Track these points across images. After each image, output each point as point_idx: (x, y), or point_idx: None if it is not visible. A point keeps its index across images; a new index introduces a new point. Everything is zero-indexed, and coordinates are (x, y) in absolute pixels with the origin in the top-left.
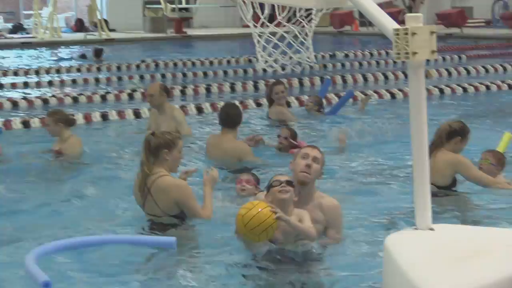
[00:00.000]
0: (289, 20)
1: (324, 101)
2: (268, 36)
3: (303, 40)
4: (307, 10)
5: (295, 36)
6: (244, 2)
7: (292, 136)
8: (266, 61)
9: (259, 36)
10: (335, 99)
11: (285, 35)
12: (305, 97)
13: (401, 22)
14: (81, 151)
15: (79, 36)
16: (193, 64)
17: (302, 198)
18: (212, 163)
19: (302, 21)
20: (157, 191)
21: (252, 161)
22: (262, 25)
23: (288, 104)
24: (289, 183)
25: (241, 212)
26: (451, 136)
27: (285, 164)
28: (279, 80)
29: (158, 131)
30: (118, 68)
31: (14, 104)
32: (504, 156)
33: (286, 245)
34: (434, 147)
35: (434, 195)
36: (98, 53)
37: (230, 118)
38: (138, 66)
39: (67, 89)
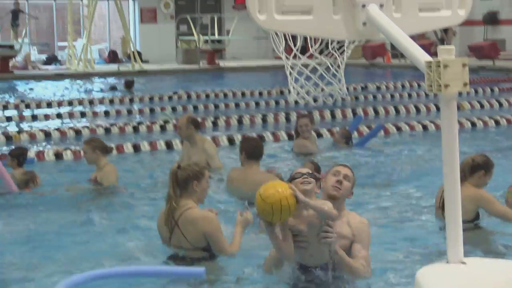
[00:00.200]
0: (321, 52)
1: (355, 133)
2: (300, 68)
3: (335, 72)
4: (339, 42)
5: (327, 68)
6: (276, 34)
7: (316, 170)
8: (298, 93)
9: (291, 68)
10: (366, 131)
11: (317, 67)
12: (336, 129)
13: (433, 54)
14: (116, 179)
15: (113, 67)
16: (225, 95)
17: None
18: (237, 198)
19: (334, 53)
20: (185, 223)
21: None
22: (295, 57)
23: (319, 135)
24: (311, 174)
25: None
26: (474, 170)
27: None
28: (305, 113)
29: (183, 163)
30: (151, 99)
31: (47, 135)
32: None
33: (311, 257)
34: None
35: None
36: (129, 85)
37: (257, 150)
38: (170, 98)
39: (100, 120)
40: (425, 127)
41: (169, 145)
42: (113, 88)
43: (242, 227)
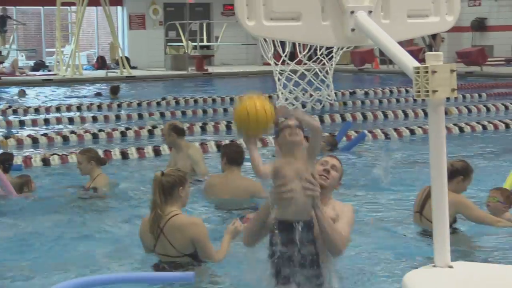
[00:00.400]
0: (310, 58)
1: (344, 139)
2: (289, 74)
3: (323, 78)
4: (328, 48)
5: (316, 74)
6: (265, 41)
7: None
8: (287, 99)
9: (280, 74)
10: (354, 134)
11: (306, 73)
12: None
13: (422, 60)
14: (108, 189)
15: (101, 73)
16: (214, 101)
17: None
18: (217, 204)
19: (323, 59)
20: (172, 230)
21: (264, 197)
22: (283, 63)
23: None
24: (299, 125)
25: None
26: (453, 175)
27: None
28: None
29: (166, 170)
30: (139, 105)
31: (34, 140)
32: (509, 190)
33: (295, 211)
34: None
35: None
36: (114, 91)
37: (238, 155)
38: (159, 103)
39: (87, 126)
40: (412, 132)
41: (157, 152)
42: (98, 94)
43: (231, 236)
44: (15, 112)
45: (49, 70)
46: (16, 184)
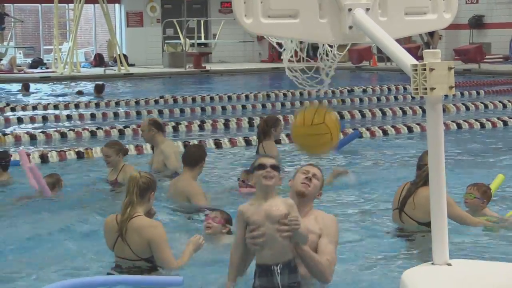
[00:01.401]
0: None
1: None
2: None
3: (324, 77)
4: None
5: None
6: (263, 38)
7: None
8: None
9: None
10: (348, 132)
11: (306, 70)
12: None
13: (419, 57)
14: None
15: (98, 70)
16: (212, 99)
17: (300, 201)
18: (175, 206)
19: (323, 56)
20: (131, 231)
21: (198, 203)
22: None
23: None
24: (274, 167)
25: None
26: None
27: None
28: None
29: (142, 171)
30: (137, 103)
31: (32, 137)
32: (490, 188)
33: (271, 254)
34: (416, 184)
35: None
36: (99, 89)
37: (189, 157)
38: (156, 101)
39: (86, 123)
40: (410, 129)
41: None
42: (79, 92)
43: (193, 248)
44: (13, 109)
45: (47, 68)
46: (48, 184)
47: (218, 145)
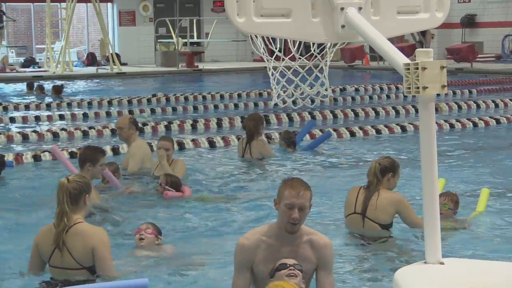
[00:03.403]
0: (301, 55)
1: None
2: (283, 69)
3: (318, 74)
4: (319, 45)
5: (310, 71)
6: (256, 37)
7: (169, 183)
8: (279, 95)
9: (274, 69)
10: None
11: (299, 69)
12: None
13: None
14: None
15: (91, 70)
16: (204, 97)
17: (290, 235)
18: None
19: (317, 55)
20: (73, 238)
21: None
22: (277, 58)
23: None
24: (296, 266)
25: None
26: (383, 173)
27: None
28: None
29: (72, 176)
30: (129, 102)
31: (25, 137)
32: (456, 195)
33: None
34: (374, 187)
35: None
36: (57, 90)
37: (80, 157)
38: (149, 100)
39: (78, 123)
40: (403, 128)
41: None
42: (30, 87)
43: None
44: (5, 109)
45: (39, 67)
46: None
47: (211, 143)
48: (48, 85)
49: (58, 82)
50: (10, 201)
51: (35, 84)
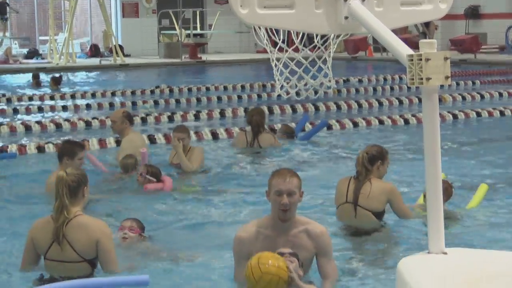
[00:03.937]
0: (305, 46)
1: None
2: (287, 61)
3: (321, 65)
4: (322, 36)
5: (314, 62)
6: (259, 28)
7: (150, 172)
8: (283, 86)
9: (277, 60)
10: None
11: (302, 60)
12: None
13: (416, 47)
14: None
15: (94, 61)
16: (207, 89)
17: (284, 224)
18: None
19: (320, 46)
20: (75, 230)
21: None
22: (281, 50)
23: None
24: (293, 254)
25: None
26: (372, 162)
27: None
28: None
29: (68, 169)
30: (133, 93)
31: (28, 128)
32: (450, 186)
33: None
34: (364, 176)
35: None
36: (56, 81)
37: (60, 151)
38: (152, 92)
39: (81, 114)
40: (406, 121)
41: (151, 140)
42: (37, 83)
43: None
44: (8, 100)
45: (43, 58)
46: (128, 165)
47: (214, 135)
48: (45, 77)
49: (57, 74)
50: (12, 193)
51: (39, 76)
